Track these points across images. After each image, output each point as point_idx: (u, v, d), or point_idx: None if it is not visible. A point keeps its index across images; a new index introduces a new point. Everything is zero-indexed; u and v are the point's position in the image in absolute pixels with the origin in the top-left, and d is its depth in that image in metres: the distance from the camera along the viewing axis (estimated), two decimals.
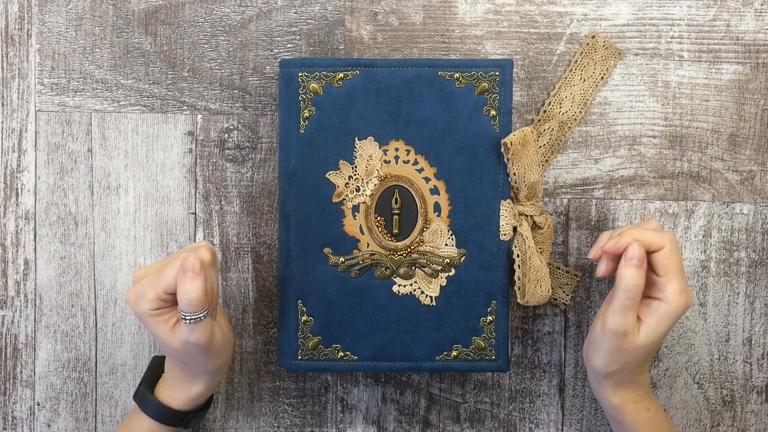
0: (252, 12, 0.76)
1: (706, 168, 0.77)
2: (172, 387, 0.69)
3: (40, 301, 0.77)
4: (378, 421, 0.78)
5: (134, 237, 0.77)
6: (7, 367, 0.77)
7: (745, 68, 0.76)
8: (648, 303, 0.66)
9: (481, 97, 0.71)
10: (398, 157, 0.72)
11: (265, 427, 0.78)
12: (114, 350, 0.77)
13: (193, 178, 0.77)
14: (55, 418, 0.77)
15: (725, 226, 0.77)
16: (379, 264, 0.71)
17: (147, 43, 0.76)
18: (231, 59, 0.76)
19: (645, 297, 0.66)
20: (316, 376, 0.77)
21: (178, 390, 0.69)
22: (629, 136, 0.76)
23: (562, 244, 0.77)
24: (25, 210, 0.77)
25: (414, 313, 0.72)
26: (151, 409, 0.69)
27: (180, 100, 0.77)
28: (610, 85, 0.76)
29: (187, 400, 0.69)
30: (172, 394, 0.69)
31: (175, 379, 0.69)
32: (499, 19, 0.76)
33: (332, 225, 0.72)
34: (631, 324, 0.65)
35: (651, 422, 0.68)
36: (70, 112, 0.77)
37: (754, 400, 0.77)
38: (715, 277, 0.77)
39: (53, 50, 0.76)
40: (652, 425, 0.68)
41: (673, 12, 0.76)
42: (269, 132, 0.77)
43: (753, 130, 0.77)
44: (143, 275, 0.65)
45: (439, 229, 0.72)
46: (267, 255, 0.77)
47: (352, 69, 0.71)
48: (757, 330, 0.77)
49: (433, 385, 0.77)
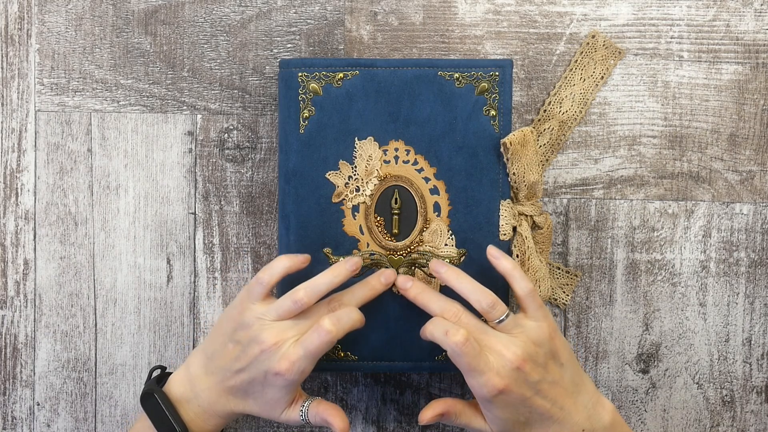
0: (252, 12, 0.76)
1: (705, 168, 0.77)
2: (204, 419, 0.69)
3: (39, 301, 0.77)
4: (378, 421, 0.78)
5: (134, 237, 0.77)
6: (7, 367, 0.77)
7: (745, 68, 0.76)
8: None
9: (481, 97, 0.71)
10: (398, 157, 0.72)
11: (265, 427, 0.78)
12: (114, 350, 0.77)
13: (193, 178, 0.77)
14: (54, 418, 0.77)
15: (725, 226, 0.77)
16: (378, 264, 0.71)
17: (147, 43, 0.76)
18: (231, 59, 0.76)
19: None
20: (316, 376, 0.77)
21: (209, 422, 0.69)
22: (629, 136, 0.76)
23: (562, 244, 0.77)
24: (24, 210, 0.77)
25: (414, 313, 0.72)
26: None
27: (180, 100, 0.77)
28: (610, 85, 0.76)
29: (211, 431, 0.69)
30: (204, 427, 0.69)
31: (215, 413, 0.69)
32: (498, 19, 0.76)
33: (332, 225, 0.72)
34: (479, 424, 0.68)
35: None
36: (69, 112, 0.77)
37: (753, 400, 0.77)
38: (714, 277, 0.77)
39: (53, 50, 0.76)
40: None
41: (673, 12, 0.76)
42: (269, 132, 0.77)
43: (753, 130, 0.77)
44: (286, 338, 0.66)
45: (438, 229, 0.72)
46: (267, 255, 0.77)
47: (352, 69, 0.71)
48: (756, 330, 0.77)
49: (433, 385, 0.77)
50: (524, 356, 0.64)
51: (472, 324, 0.65)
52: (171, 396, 0.68)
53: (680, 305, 0.77)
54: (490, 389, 0.63)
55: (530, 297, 0.66)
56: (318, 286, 0.66)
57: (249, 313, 0.66)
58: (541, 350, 0.65)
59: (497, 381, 0.63)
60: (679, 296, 0.77)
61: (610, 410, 0.68)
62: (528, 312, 0.66)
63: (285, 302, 0.66)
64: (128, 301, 0.77)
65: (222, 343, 0.67)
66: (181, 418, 0.67)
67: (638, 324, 0.77)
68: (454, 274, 0.67)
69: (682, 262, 0.77)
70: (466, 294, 0.66)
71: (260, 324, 0.65)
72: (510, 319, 0.65)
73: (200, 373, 0.68)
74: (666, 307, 0.77)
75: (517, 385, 0.63)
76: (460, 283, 0.67)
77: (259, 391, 0.66)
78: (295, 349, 0.64)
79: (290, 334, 0.65)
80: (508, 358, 0.63)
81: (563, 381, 0.66)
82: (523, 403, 0.64)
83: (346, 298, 0.68)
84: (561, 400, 0.65)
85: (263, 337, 0.65)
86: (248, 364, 0.65)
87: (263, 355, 0.65)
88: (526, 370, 0.64)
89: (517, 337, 0.65)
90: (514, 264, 0.67)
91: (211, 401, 0.68)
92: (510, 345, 0.64)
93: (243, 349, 0.66)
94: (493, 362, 0.63)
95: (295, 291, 0.66)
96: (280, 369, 0.64)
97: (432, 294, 0.68)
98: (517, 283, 0.66)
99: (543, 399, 0.65)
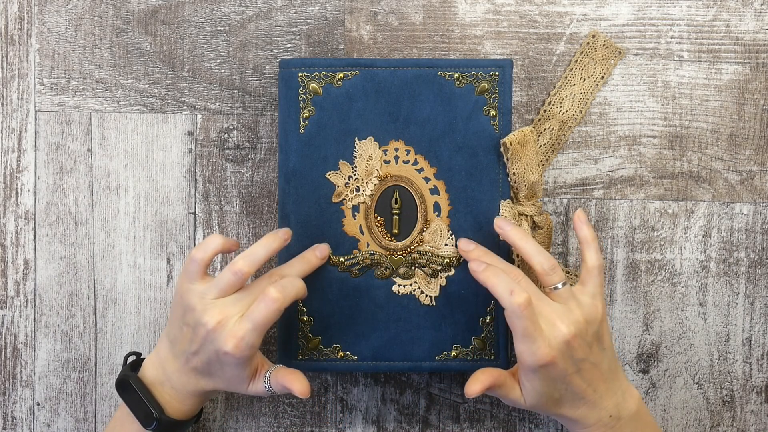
0: (252, 12, 0.76)
1: (705, 168, 0.77)
2: (179, 399, 0.69)
3: (39, 301, 0.77)
4: (378, 421, 0.78)
5: (134, 237, 0.77)
6: (7, 367, 0.77)
7: (745, 68, 0.76)
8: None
9: (481, 97, 0.71)
10: (398, 157, 0.72)
11: (264, 427, 0.78)
12: (114, 350, 0.77)
13: (193, 178, 0.77)
14: (54, 418, 0.77)
15: (725, 226, 0.77)
16: (378, 264, 0.71)
17: (147, 43, 0.76)
18: (231, 59, 0.76)
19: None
20: (316, 376, 0.77)
21: (185, 402, 0.68)
22: (629, 136, 0.76)
23: (562, 244, 0.77)
24: (24, 210, 0.77)
25: (413, 313, 0.72)
26: (152, 421, 0.68)
27: (180, 100, 0.77)
28: (610, 85, 0.76)
29: (189, 411, 0.69)
30: (180, 408, 0.69)
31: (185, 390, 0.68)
32: (498, 19, 0.76)
33: (332, 225, 0.72)
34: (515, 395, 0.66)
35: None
36: (69, 112, 0.77)
37: (753, 400, 0.77)
38: (714, 277, 0.77)
39: (53, 50, 0.76)
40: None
41: (673, 12, 0.76)
42: (269, 132, 0.77)
43: (753, 130, 0.77)
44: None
45: (438, 229, 0.72)
46: None
47: (352, 69, 0.71)
48: (756, 330, 0.77)
49: (432, 385, 0.77)
50: (576, 331, 0.63)
51: (531, 289, 0.65)
52: (145, 380, 0.68)
53: (680, 305, 0.77)
54: (539, 358, 0.62)
55: (597, 271, 0.66)
56: (256, 254, 0.65)
57: (190, 295, 0.65)
58: (590, 329, 0.64)
59: (547, 351, 0.62)
60: (679, 296, 0.77)
61: (637, 399, 0.68)
62: (587, 286, 0.66)
63: (225, 276, 0.65)
64: (128, 301, 0.77)
65: (178, 327, 0.67)
66: (157, 401, 0.67)
67: (638, 324, 0.77)
68: (519, 234, 0.67)
69: (682, 262, 0.77)
70: (528, 254, 0.66)
71: (203, 304, 0.65)
72: (565, 288, 0.65)
73: (168, 357, 0.68)
74: (666, 307, 0.77)
75: (563, 360, 0.63)
76: (523, 242, 0.66)
77: (218, 369, 0.66)
78: (240, 324, 0.63)
79: (234, 311, 0.64)
80: (561, 330, 0.63)
81: (602, 365, 0.66)
82: (563, 379, 0.64)
83: (286, 271, 0.68)
84: (596, 382, 0.65)
85: (206, 318, 0.64)
86: (200, 347, 0.65)
87: (210, 336, 0.64)
88: (574, 345, 0.63)
89: (572, 311, 0.64)
90: (595, 236, 0.67)
91: (182, 382, 0.68)
92: (564, 317, 0.63)
93: (193, 331, 0.65)
94: (546, 331, 0.63)
95: (233, 262, 0.65)
96: (227, 348, 0.63)
97: (495, 255, 0.68)
98: (591, 254, 0.66)
99: (581, 378, 0.64)
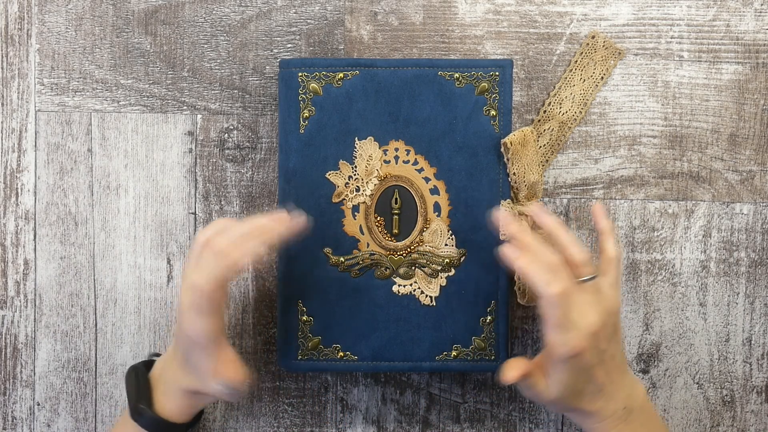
0: (252, 12, 0.76)
1: (706, 168, 0.77)
2: (169, 394, 0.68)
3: (39, 301, 0.77)
4: (378, 421, 0.78)
5: (134, 237, 0.77)
6: (7, 367, 0.77)
7: (745, 68, 0.76)
8: (545, 355, 0.66)
9: (481, 97, 0.71)
10: (398, 157, 0.72)
11: (265, 427, 0.78)
12: (114, 350, 0.77)
13: (193, 178, 0.77)
14: (55, 418, 0.77)
15: (725, 226, 0.77)
16: (378, 264, 0.71)
17: (147, 43, 0.76)
18: (231, 59, 0.76)
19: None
20: (316, 376, 0.77)
21: (174, 399, 0.68)
22: (629, 136, 0.76)
23: None
24: (24, 210, 0.77)
25: (414, 313, 0.72)
26: (151, 424, 0.67)
27: (180, 100, 0.77)
28: (610, 85, 0.76)
29: (179, 411, 0.69)
30: (172, 408, 0.68)
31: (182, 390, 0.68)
32: (499, 19, 0.76)
33: (332, 225, 0.72)
34: (541, 386, 0.65)
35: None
36: (69, 112, 0.77)
37: (753, 400, 0.77)
38: (714, 277, 0.77)
39: (53, 50, 0.76)
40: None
41: (673, 12, 0.76)
42: (269, 132, 0.77)
43: (753, 130, 0.77)
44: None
45: (438, 229, 0.72)
46: (267, 255, 0.77)
47: (352, 69, 0.71)
48: (757, 330, 0.77)
49: (432, 385, 0.77)
50: (602, 323, 0.63)
51: (567, 279, 0.64)
52: (151, 374, 0.69)
53: (680, 305, 0.77)
54: (571, 348, 0.62)
55: (617, 261, 0.66)
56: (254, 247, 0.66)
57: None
58: (611, 321, 0.64)
59: (578, 342, 0.62)
60: (679, 296, 0.77)
61: (643, 392, 0.68)
62: (607, 276, 0.66)
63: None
64: (128, 301, 0.77)
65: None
66: (152, 397, 0.68)
67: (638, 324, 0.77)
68: (557, 223, 0.67)
69: (682, 262, 0.77)
70: (564, 244, 0.66)
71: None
72: (594, 281, 0.65)
73: (169, 350, 0.69)
74: (666, 307, 0.77)
75: (590, 350, 0.63)
76: (559, 231, 0.67)
77: (190, 354, 0.65)
78: (183, 297, 0.64)
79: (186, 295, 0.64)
80: (591, 320, 0.63)
81: (618, 356, 0.66)
82: (588, 370, 0.64)
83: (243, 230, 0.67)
84: (613, 374, 0.65)
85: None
86: (179, 327, 0.66)
87: (179, 317, 0.65)
88: (600, 336, 0.63)
89: (600, 302, 0.64)
90: (613, 227, 0.67)
91: (169, 375, 0.68)
92: (593, 308, 0.63)
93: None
94: (578, 322, 0.63)
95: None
96: (183, 305, 0.64)
97: (533, 238, 0.66)
98: (611, 245, 0.67)
99: (602, 370, 0.64)
